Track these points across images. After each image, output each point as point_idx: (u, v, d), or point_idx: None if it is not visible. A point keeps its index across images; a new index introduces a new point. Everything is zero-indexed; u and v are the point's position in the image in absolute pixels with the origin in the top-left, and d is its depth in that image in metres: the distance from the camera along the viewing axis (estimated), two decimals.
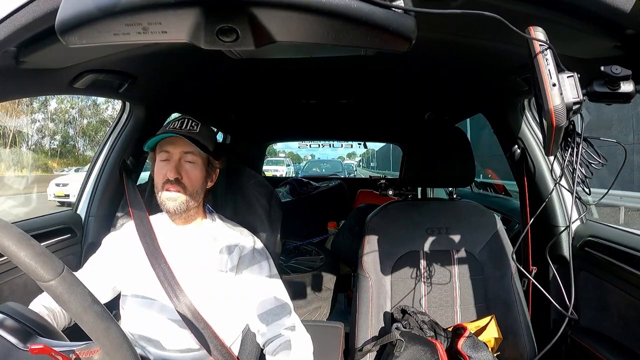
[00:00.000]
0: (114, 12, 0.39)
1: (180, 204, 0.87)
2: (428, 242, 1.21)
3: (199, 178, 0.89)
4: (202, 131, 0.91)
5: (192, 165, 0.89)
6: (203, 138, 0.90)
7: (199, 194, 0.90)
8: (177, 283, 0.86)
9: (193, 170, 0.88)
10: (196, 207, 0.92)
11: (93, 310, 0.42)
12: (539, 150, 1.28)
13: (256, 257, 0.95)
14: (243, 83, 1.49)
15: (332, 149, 14.78)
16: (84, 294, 0.42)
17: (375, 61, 1.16)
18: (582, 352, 1.09)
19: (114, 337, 0.43)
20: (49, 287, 0.40)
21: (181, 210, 0.87)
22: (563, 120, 0.49)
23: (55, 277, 0.41)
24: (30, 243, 0.41)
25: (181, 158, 0.88)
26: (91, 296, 0.43)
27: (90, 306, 0.42)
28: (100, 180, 1.30)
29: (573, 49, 0.68)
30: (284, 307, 0.92)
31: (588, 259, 1.12)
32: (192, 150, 0.88)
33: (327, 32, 0.41)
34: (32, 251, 0.40)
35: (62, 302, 0.41)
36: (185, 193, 0.87)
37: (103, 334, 0.43)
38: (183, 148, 0.88)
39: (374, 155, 26.96)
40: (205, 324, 0.85)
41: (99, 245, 1.00)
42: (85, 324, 0.42)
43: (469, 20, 0.66)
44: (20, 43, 0.69)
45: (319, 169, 11.19)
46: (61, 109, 18.06)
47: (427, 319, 1.10)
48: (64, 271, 0.42)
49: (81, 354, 0.46)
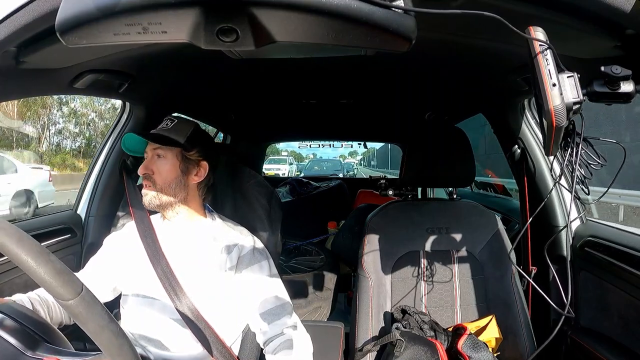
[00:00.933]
0: (114, 12, 0.39)
1: (151, 198, 0.89)
2: (428, 242, 1.21)
3: (169, 171, 0.91)
4: (176, 127, 0.93)
5: (162, 160, 0.91)
6: (173, 133, 0.91)
7: (173, 188, 0.91)
8: (177, 283, 0.86)
9: (163, 165, 0.90)
10: (178, 202, 0.92)
11: (109, 329, 0.43)
12: (539, 150, 1.28)
13: (256, 256, 0.95)
14: (243, 83, 1.49)
15: (333, 149, 15.15)
16: (101, 313, 0.43)
17: (375, 61, 1.16)
18: (582, 352, 1.09)
19: (126, 354, 0.44)
20: (68, 306, 0.41)
21: (153, 204, 0.90)
22: (563, 120, 0.49)
23: (75, 296, 0.41)
24: (50, 259, 0.41)
25: (153, 155, 0.91)
26: (108, 315, 0.44)
27: (107, 325, 0.43)
28: (100, 180, 1.30)
29: (573, 49, 0.68)
30: (284, 307, 0.92)
31: (588, 259, 1.12)
32: (160, 146, 0.91)
33: (327, 32, 0.41)
34: (53, 269, 0.41)
35: (80, 320, 0.42)
36: (154, 187, 0.89)
37: (117, 351, 0.43)
38: (153, 145, 0.91)
39: (374, 154, 27.29)
40: (206, 324, 0.85)
41: (99, 245, 1.00)
42: (101, 343, 0.43)
43: (469, 20, 0.66)
44: (20, 43, 0.69)
45: (320, 168, 12.17)
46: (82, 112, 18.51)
47: (427, 319, 1.10)
48: (83, 290, 0.42)
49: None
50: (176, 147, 0.91)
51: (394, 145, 3.96)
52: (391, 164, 19.01)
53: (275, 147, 22.44)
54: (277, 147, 22.96)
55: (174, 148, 0.91)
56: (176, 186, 0.91)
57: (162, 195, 0.90)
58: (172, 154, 0.91)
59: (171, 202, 0.91)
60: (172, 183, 0.90)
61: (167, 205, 0.91)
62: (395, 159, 16.85)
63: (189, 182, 0.93)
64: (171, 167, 0.90)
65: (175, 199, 0.91)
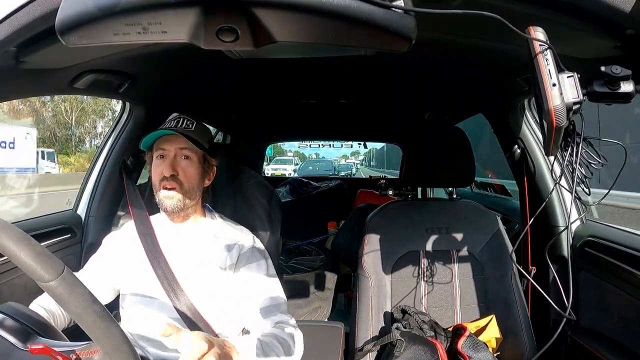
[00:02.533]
0: (114, 12, 0.39)
1: (177, 201, 0.86)
2: (428, 242, 1.21)
3: (195, 175, 0.89)
4: (198, 129, 0.92)
5: (188, 161, 0.88)
6: (198, 135, 0.90)
7: (195, 191, 0.90)
8: (176, 282, 0.86)
9: (189, 166, 0.88)
10: (194, 205, 0.92)
11: (93, 310, 0.42)
12: (539, 150, 1.28)
13: (255, 255, 0.95)
14: (243, 83, 1.49)
15: (334, 149, 15.54)
16: (84, 294, 0.42)
17: (375, 61, 1.16)
18: (582, 352, 1.09)
19: (114, 336, 0.43)
20: (49, 287, 0.40)
21: (178, 208, 0.87)
22: (563, 120, 0.49)
23: (56, 277, 0.40)
24: (31, 243, 0.41)
25: (177, 155, 0.88)
26: (91, 296, 0.43)
27: (90, 306, 0.42)
28: (100, 180, 1.30)
29: (573, 49, 0.68)
30: (279, 306, 0.91)
31: (588, 259, 1.12)
32: (187, 146, 0.88)
33: (327, 32, 0.41)
34: (33, 251, 0.40)
35: (62, 302, 0.41)
36: (181, 190, 0.87)
37: (103, 333, 0.42)
38: (179, 145, 0.88)
39: (374, 154, 27.82)
40: (205, 323, 0.85)
41: (99, 245, 1.00)
42: (85, 324, 0.42)
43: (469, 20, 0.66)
44: (20, 43, 0.68)
45: (313, 168, 12.96)
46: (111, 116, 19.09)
47: (427, 319, 1.10)
48: (64, 271, 0.41)
49: (81, 354, 0.46)
50: (201, 151, 0.90)
51: (391, 146, 3.97)
52: (387, 164, 19.90)
53: (281, 148, 22.87)
54: (283, 148, 23.42)
55: (199, 151, 0.89)
56: (197, 190, 0.90)
57: (187, 198, 0.87)
58: (198, 157, 0.90)
59: (191, 205, 0.90)
60: (196, 186, 0.89)
61: (187, 208, 0.90)
62: (391, 159, 18.05)
63: (203, 186, 0.93)
64: (196, 170, 0.89)
65: (194, 202, 0.91)
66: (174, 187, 0.86)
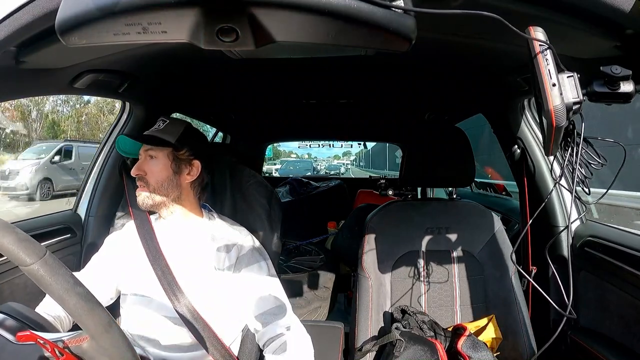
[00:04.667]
0: (114, 12, 0.39)
1: (144, 198, 0.90)
2: (428, 242, 1.21)
3: (161, 171, 0.91)
4: (167, 127, 0.93)
5: (153, 160, 0.91)
6: (164, 134, 0.92)
7: (165, 188, 0.91)
8: (176, 283, 0.86)
9: (154, 165, 0.91)
10: (172, 202, 0.93)
11: (75, 292, 0.42)
12: (539, 150, 1.28)
13: (255, 256, 0.95)
14: (243, 83, 1.49)
15: (326, 149, 16.34)
16: (66, 276, 0.42)
17: (375, 61, 1.16)
18: (581, 352, 1.09)
19: (99, 319, 0.43)
20: (30, 270, 0.41)
21: (146, 204, 0.90)
22: (563, 120, 0.49)
23: (37, 260, 0.41)
24: (14, 231, 0.42)
25: (145, 156, 0.92)
26: (74, 278, 0.43)
27: (72, 288, 0.42)
28: (100, 180, 1.30)
29: (573, 49, 0.68)
30: (282, 308, 0.91)
31: (588, 259, 1.12)
32: (150, 147, 0.91)
33: (327, 32, 0.41)
34: (15, 237, 0.41)
35: (44, 285, 0.41)
36: (147, 188, 0.90)
37: (87, 316, 0.43)
38: (145, 147, 0.92)
39: (362, 156, 30.03)
40: (205, 324, 0.85)
41: (99, 245, 1.00)
42: (68, 306, 0.42)
43: (469, 20, 0.66)
44: (20, 43, 0.69)
45: (294, 168, 13.90)
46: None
47: (427, 319, 1.10)
48: (46, 255, 0.42)
49: (70, 342, 0.46)
50: (167, 147, 0.91)
51: (376, 149, 3.99)
52: (371, 165, 22.86)
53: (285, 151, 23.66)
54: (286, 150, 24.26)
55: (164, 148, 0.91)
56: (168, 185, 0.91)
57: (154, 195, 0.90)
58: (163, 154, 0.91)
59: (164, 201, 0.92)
60: (165, 183, 0.91)
61: (161, 204, 0.92)
62: (374, 160, 21.43)
63: (181, 182, 0.93)
64: (162, 167, 0.91)
65: (167, 198, 0.92)
66: (142, 185, 0.91)
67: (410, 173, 1.26)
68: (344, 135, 3.59)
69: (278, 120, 2.42)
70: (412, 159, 1.26)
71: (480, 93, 1.40)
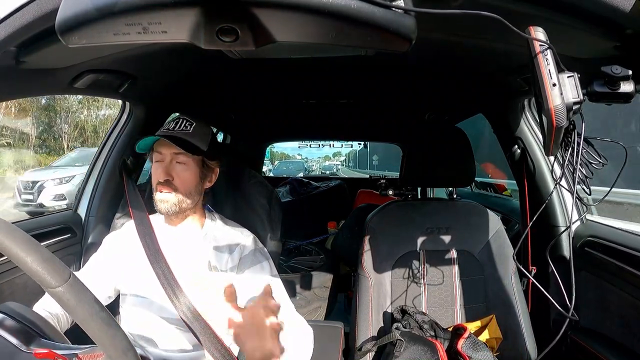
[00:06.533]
0: (114, 12, 0.39)
1: (172, 205, 0.87)
2: (428, 242, 1.21)
3: (191, 179, 0.89)
4: (196, 131, 0.90)
5: (183, 166, 0.88)
6: (196, 138, 0.89)
7: (192, 195, 0.90)
8: (176, 283, 0.86)
9: (184, 171, 0.88)
10: (192, 207, 0.92)
11: (100, 317, 0.42)
12: (539, 150, 1.28)
13: (257, 257, 0.95)
14: (243, 83, 1.49)
15: (316, 149, 17.07)
16: (90, 301, 0.42)
17: (375, 61, 1.16)
18: (582, 352, 1.09)
19: (119, 344, 0.43)
20: (55, 293, 0.40)
21: (173, 211, 0.88)
22: (563, 120, 0.49)
23: (62, 283, 0.40)
24: (38, 249, 0.41)
25: (173, 159, 0.88)
26: (98, 303, 0.43)
27: (97, 313, 0.42)
28: (100, 180, 1.30)
29: (573, 49, 0.68)
30: (285, 307, 0.91)
31: (588, 259, 1.12)
32: (182, 152, 0.88)
33: (327, 32, 0.41)
34: (40, 257, 0.40)
35: (68, 308, 0.41)
36: (176, 194, 0.87)
37: (109, 341, 0.42)
38: (174, 149, 0.87)
39: (351, 157, 31.61)
40: (205, 324, 0.85)
41: (99, 245, 1.00)
42: (91, 331, 0.42)
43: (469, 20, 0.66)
44: (20, 43, 0.68)
45: (287, 168, 14.52)
46: None
47: (427, 319, 1.10)
48: (71, 277, 0.41)
49: (84, 358, 0.46)
50: (199, 155, 0.89)
51: (363, 150, 3.98)
52: (359, 165, 24.66)
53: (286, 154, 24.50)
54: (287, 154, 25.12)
55: (197, 156, 0.89)
56: (195, 192, 0.90)
57: (183, 202, 0.88)
58: (194, 162, 0.89)
59: (189, 208, 0.90)
60: (192, 190, 0.89)
61: (184, 211, 0.90)
62: (362, 161, 23.08)
63: (203, 188, 0.93)
64: (192, 175, 0.89)
65: (192, 205, 0.91)
66: (169, 191, 0.86)
67: (410, 173, 1.26)
68: (344, 136, 3.59)
69: (278, 120, 2.42)
70: (412, 159, 1.26)
71: (480, 93, 1.40)
